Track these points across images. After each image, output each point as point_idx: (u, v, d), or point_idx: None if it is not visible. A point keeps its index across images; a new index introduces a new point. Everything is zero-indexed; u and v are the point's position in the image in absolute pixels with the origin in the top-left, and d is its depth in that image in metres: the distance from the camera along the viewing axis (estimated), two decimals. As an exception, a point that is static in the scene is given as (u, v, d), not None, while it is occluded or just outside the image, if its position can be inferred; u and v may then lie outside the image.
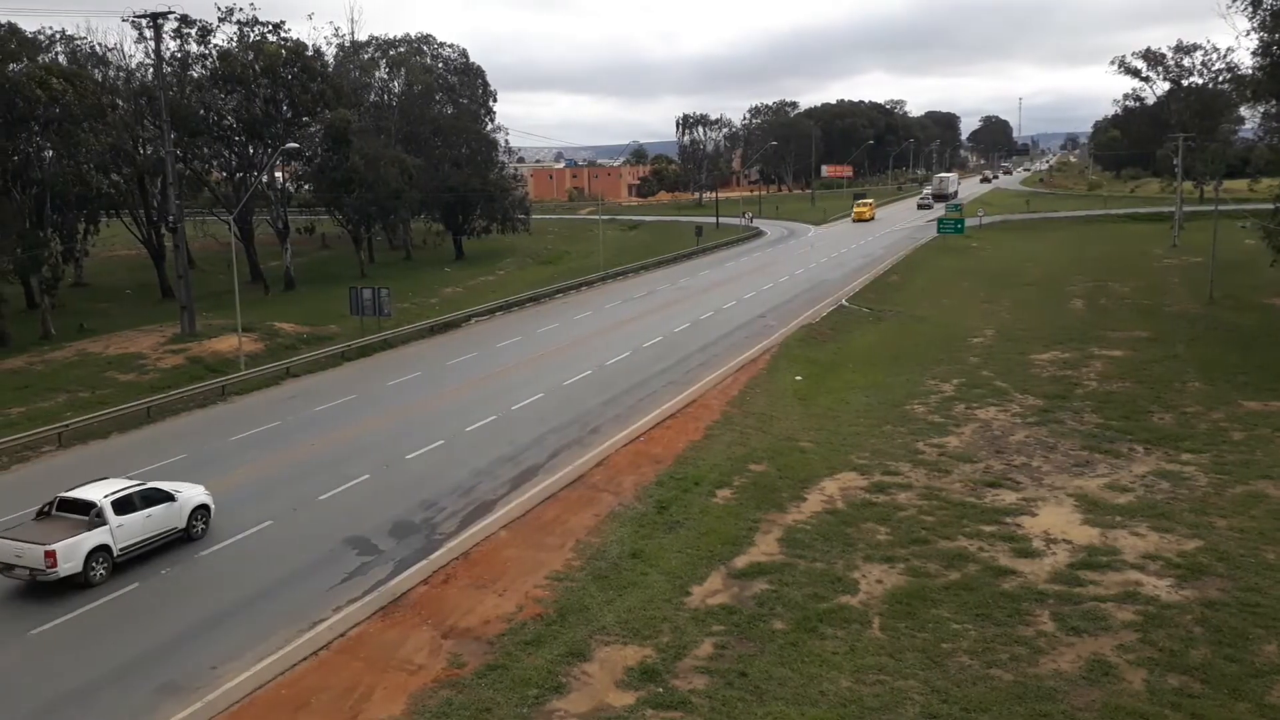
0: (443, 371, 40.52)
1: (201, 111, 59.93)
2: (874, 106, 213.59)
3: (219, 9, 62.12)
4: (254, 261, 67.38)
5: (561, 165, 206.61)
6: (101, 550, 20.79)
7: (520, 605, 19.59)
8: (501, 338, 47.51)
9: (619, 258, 76.48)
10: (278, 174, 70.14)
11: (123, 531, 21.25)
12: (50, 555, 19.81)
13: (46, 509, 21.76)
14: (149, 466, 28.42)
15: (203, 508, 23.46)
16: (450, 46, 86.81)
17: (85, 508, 21.20)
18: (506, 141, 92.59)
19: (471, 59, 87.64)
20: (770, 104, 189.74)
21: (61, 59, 57.75)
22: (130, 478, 23.69)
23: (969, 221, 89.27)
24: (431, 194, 76.59)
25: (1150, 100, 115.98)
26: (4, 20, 48.43)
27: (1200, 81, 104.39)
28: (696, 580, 20.46)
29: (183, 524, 22.81)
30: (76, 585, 20.36)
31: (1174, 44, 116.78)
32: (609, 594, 19.88)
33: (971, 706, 15.71)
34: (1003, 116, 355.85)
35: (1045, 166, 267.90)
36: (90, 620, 19.49)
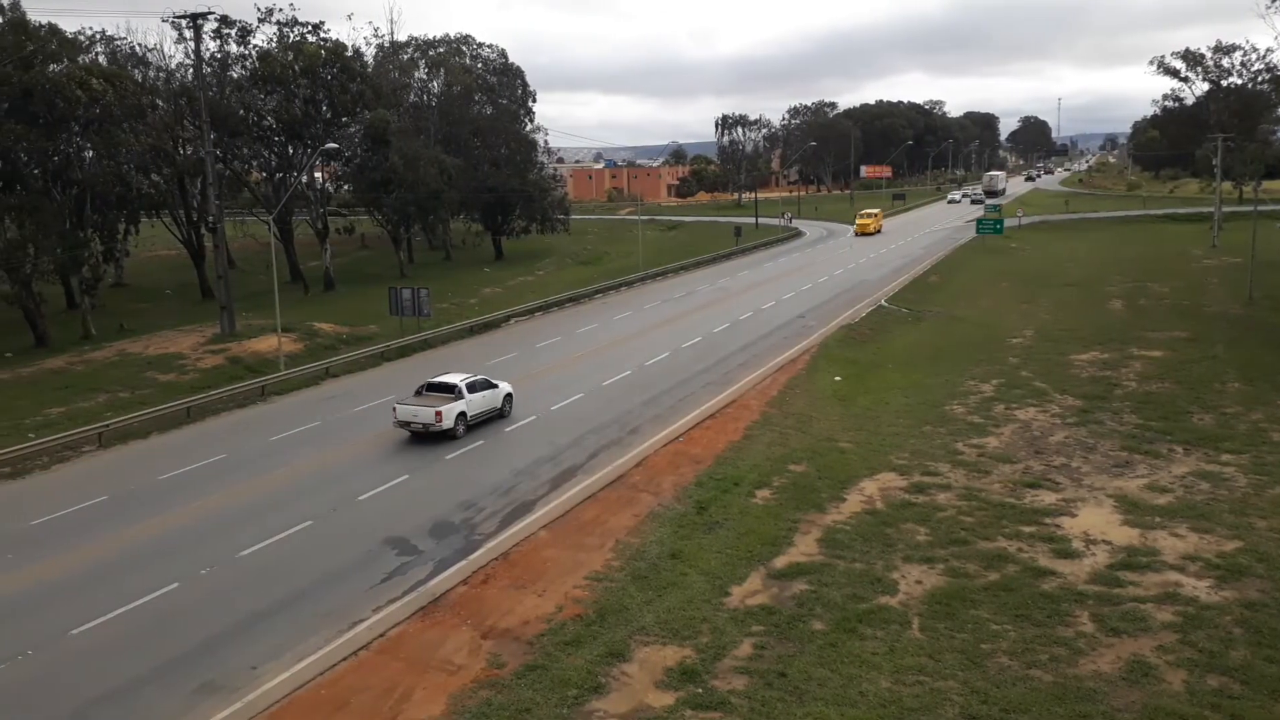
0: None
1: (241, 112, 60.66)
2: (913, 107, 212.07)
3: (259, 9, 62.75)
4: (293, 262, 68.14)
5: (601, 166, 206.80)
6: (462, 415, 30.52)
7: (560, 605, 19.61)
8: (541, 338, 47.67)
9: (658, 258, 76.44)
10: (317, 174, 70.82)
11: (471, 404, 31.04)
12: (438, 415, 29.85)
13: (420, 390, 31.63)
14: (188, 466, 28.90)
15: (509, 396, 33.10)
16: (489, 47, 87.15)
17: (450, 388, 31.09)
18: (546, 142, 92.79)
19: (510, 59, 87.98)
20: (809, 104, 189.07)
21: (102, 60, 58.60)
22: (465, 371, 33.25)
23: (1008, 222, 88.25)
24: (471, 194, 76.99)
25: (1189, 101, 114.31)
26: (44, 21, 49.47)
27: (1239, 82, 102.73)
28: (736, 581, 20.38)
29: (499, 405, 32.44)
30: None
31: (1213, 44, 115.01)
32: (648, 594, 19.85)
33: (1011, 707, 15.59)
34: (1041, 117, 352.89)
35: (1084, 167, 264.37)
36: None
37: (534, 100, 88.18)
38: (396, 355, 44.47)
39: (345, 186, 73.30)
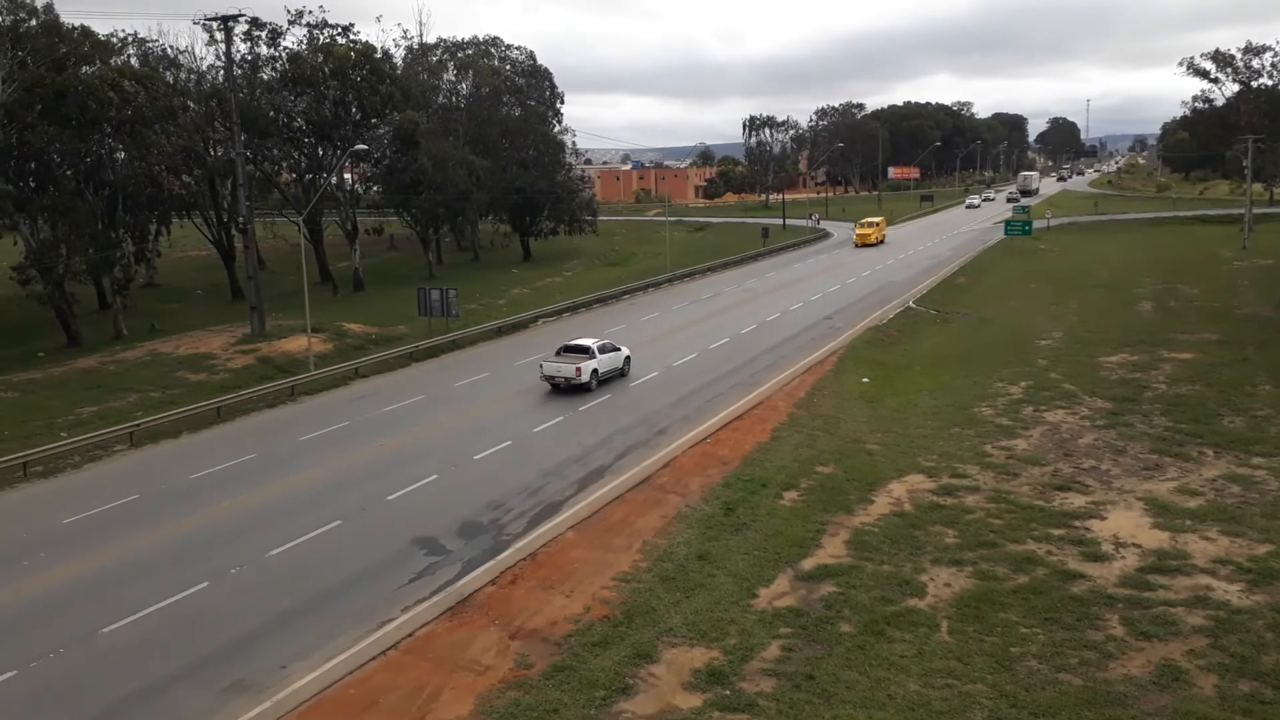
0: (510, 372, 40.84)
1: (271, 113, 61.18)
2: (941, 108, 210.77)
3: (289, 12, 63.15)
4: (323, 262, 68.71)
5: (628, 167, 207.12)
6: (595, 372, 36.38)
7: (587, 606, 19.62)
8: (569, 338, 47.66)
9: (685, 259, 76.37)
10: (347, 176, 71.36)
11: (601, 363, 36.88)
12: (578, 370, 35.84)
13: (560, 351, 37.35)
14: (219, 466, 29.20)
15: (628, 359, 38.87)
16: (518, 49, 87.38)
17: (584, 349, 36.95)
18: (574, 143, 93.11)
19: (539, 61, 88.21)
20: (836, 106, 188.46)
21: (134, 61, 59.12)
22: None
23: (1036, 224, 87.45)
24: (499, 195, 77.31)
25: (1219, 102, 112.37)
26: (77, 23, 50.00)
27: (1270, 83, 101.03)
28: (764, 582, 20.32)
29: (620, 365, 38.22)
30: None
31: (1243, 45, 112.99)
32: (676, 596, 19.82)
33: (1040, 711, 15.46)
34: (1070, 118, 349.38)
35: (1113, 168, 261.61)
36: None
37: (562, 102, 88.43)
38: (425, 356, 44.71)
39: (374, 188, 73.80)
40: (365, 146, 59.66)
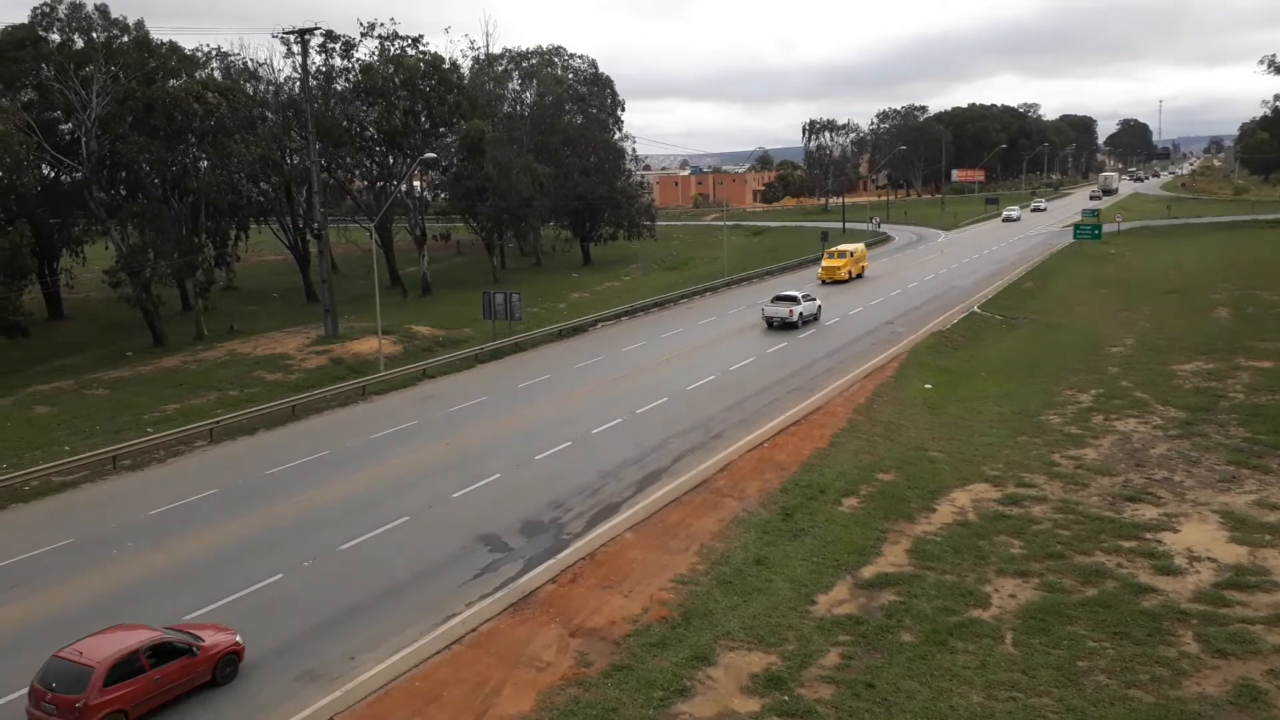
0: (570, 375, 41.35)
1: (345, 123, 62.82)
2: (1006, 110, 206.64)
3: (361, 24, 65.19)
4: (393, 267, 70.23)
5: (687, 172, 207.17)
6: (801, 314, 48.91)
7: (645, 607, 19.86)
8: (627, 342, 48.14)
9: (744, 263, 76.27)
10: (416, 183, 72.86)
11: (806, 309, 49.64)
12: (791, 312, 48.77)
13: (775, 299, 50.19)
14: (293, 462, 30.12)
15: (820, 306, 51.57)
16: (580, 57, 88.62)
17: (794, 298, 49.62)
18: (634, 149, 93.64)
19: (600, 70, 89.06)
20: (898, 108, 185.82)
21: (216, 74, 61.43)
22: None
23: (1106, 227, 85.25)
24: (561, 201, 78.29)
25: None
26: (165, 39, 52.23)
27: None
28: (822, 589, 20.33)
29: (814, 312, 50.68)
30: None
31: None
32: (733, 599, 19.95)
33: (1110, 728, 15.17)
34: (1141, 119, 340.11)
35: (1186, 171, 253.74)
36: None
37: (623, 109, 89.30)
38: (489, 358, 45.47)
39: (442, 195, 75.32)
40: (434, 154, 60.89)
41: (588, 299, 63.48)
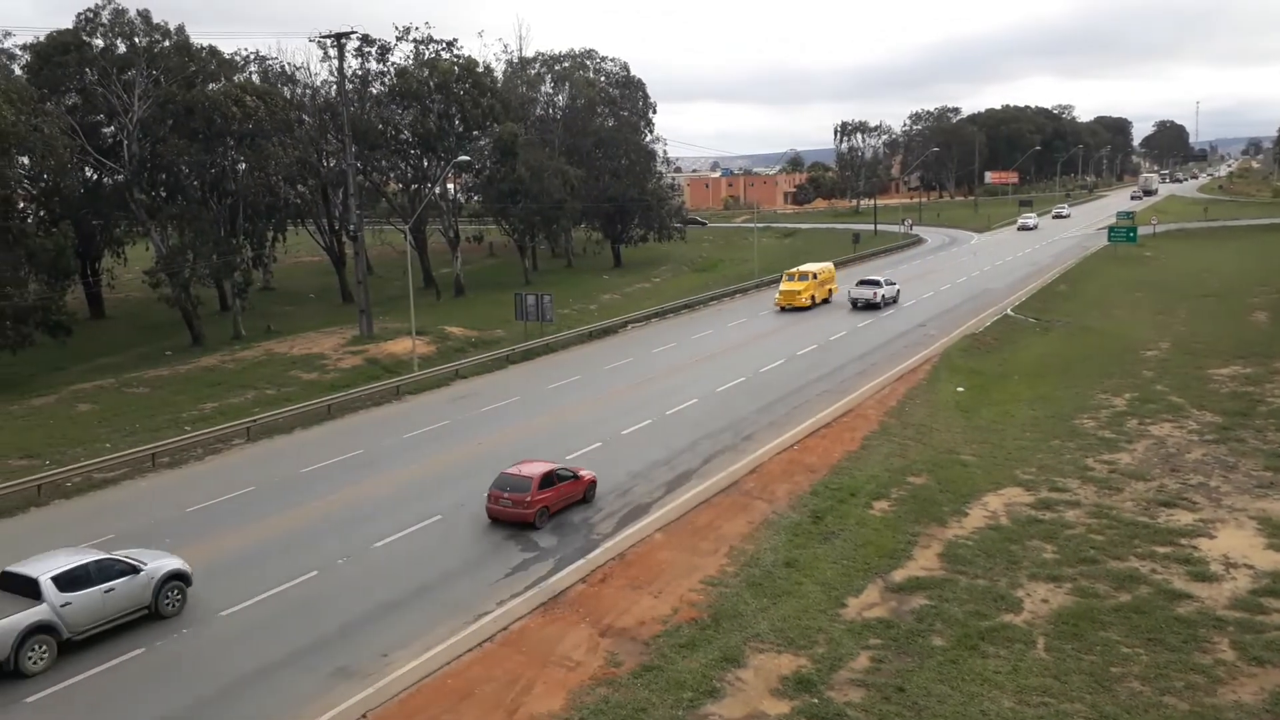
0: (601, 376, 41.54)
1: (380, 126, 63.45)
2: (1040, 111, 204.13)
3: (397, 28, 65.97)
4: (427, 268, 70.87)
5: (718, 174, 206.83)
6: (884, 295, 55.21)
7: (675, 608, 19.96)
8: (657, 343, 48.25)
9: (774, 265, 75.97)
10: (449, 185, 73.47)
11: (887, 291, 55.58)
12: (874, 294, 54.98)
13: (859, 283, 55.86)
14: (328, 461, 30.55)
15: (899, 290, 57.77)
16: (612, 60, 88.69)
17: (876, 282, 55.53)
18: (665, 152, 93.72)
19: (632, 72, 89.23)
20: (931, 110, 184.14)
21: (254, 78, 62.33)
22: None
23: (1141, 230, 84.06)
24: (592, 204, 78.61)
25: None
26: (205, 44, 53.17)
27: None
28: (852, 592, 20.33)
29: (895, 295, 56.93)
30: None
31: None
32: (763, 601, 20.00)
33: (1143, 735, 15.08)
34: (1177, 121, 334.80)
35: (1224, 172, 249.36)
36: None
37: (654, 111, 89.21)
38: (521, 358, 45.78)
39: (475, 197, 75.82)
40: (467, 157, 61.34)
41: (618, 300, 63.68)
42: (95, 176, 53.02)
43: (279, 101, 54.79)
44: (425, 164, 67.16)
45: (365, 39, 62.75)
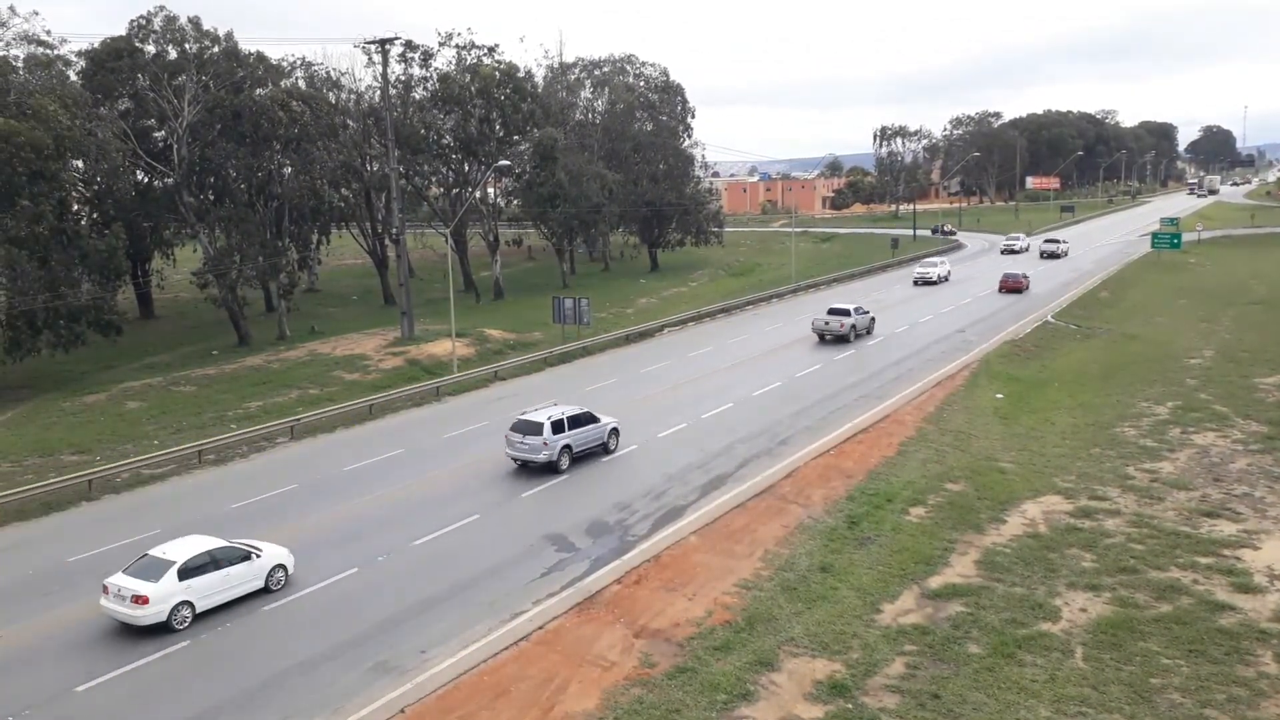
0: (637, 379, 41.73)
1: (422, 130, 64.15)
2: (1083, 116, 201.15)
3: (439, 34, 66.41)
4: (467, 272, 71.57)
5: (755, 179, 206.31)
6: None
7: (709, 610, 20.06)
8: (693, 347, 48.36)
9: (811, 270, 75.89)
10: (490, 190, 74.15)
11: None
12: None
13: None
14: (369, 460, 31.04)
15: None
16: (651, 65, 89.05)
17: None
18: (703, 156, 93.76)
19: (671, 77, 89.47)
20: (972, 114, 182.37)
21: (300, 83, 63.30)
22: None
23: (1186, 237, 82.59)
24: (630, 208, 78.88)
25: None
26: (253, 50, 54.16)
27: None
28: (888, 598, 20.29)
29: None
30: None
31: None
32: (798, 606, 20.04)
33: (1183, 747, 14.93)
34: (1224, 126, 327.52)
35: (1273, 178, 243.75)
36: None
37: (693, 116, 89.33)
38: (558, 361, 46.12)
39: (515, 201, 76.38)
40: (508, 162, 61.87)
41: (655, 304, 63.87)
42: (146, 179, 54.23)
43: (324, 106, 55.73)
44: (466, 168, 67.84)
45: (409, 45, 63.65)
